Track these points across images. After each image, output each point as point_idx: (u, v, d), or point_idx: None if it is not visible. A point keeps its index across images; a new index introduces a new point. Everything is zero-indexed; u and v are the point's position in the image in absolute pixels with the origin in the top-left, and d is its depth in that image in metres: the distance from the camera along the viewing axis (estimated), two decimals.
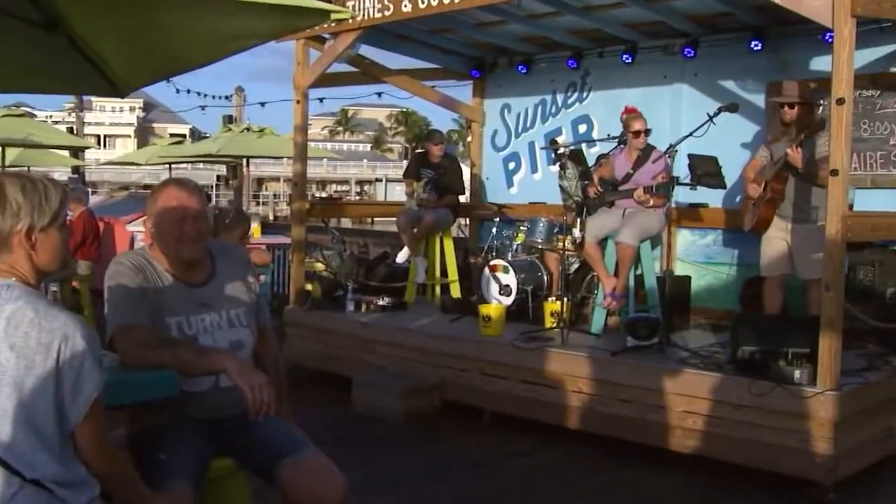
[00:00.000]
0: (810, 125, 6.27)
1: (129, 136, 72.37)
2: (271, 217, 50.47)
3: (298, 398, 3.59)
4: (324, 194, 60.43)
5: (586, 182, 7.28)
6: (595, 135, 8.90)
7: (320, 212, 10.00)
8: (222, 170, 38.78)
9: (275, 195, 63.16)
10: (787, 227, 6.45)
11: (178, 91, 21.18)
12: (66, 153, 20.88)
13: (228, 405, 3.19)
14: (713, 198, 7.79)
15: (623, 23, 8.17)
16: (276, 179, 66.43)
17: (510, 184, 9.99)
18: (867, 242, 6.31)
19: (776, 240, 6.53)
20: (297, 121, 8.43)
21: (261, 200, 60.09)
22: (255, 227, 12.50)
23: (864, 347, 6.05)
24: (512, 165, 9.96)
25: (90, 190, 19.86)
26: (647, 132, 7.10)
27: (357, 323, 7.83)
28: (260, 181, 66.29)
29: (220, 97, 21.86)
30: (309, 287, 8.72)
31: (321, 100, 15.55)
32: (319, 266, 10.84)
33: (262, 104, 20.34)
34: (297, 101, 8.33)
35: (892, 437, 5.70)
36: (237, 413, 3.14)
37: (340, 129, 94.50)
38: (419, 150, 9.31)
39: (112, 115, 71.72)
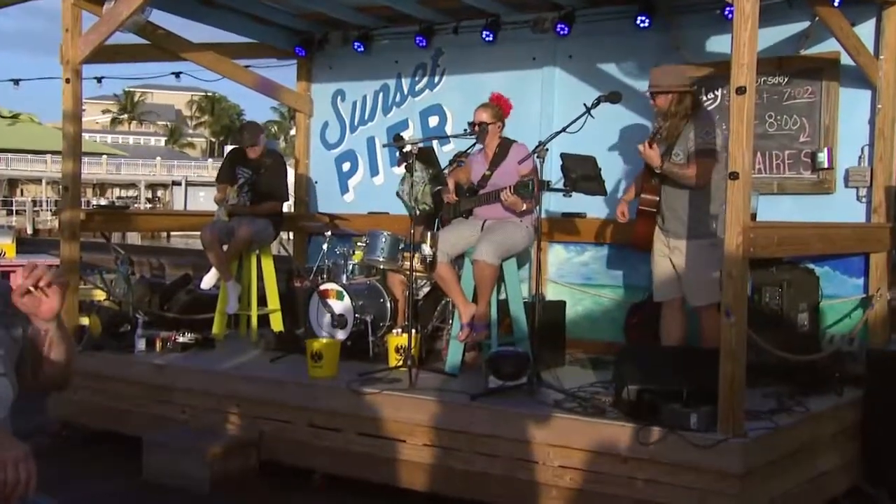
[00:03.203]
0: (683, 116, 6.50)
1: None
2: (30, 230, 48.77)
3: (73, 467, 3.45)
4: (104, 201, 58.97)
5: (440, 188, 7.32)
6: (449, 129, 9.01)
7: (100, 224, 9.69)
8: None
9: (35, 202, 61.18)
10: (671, 244, 6.65)
11: None
12: None
13: None
14: (592, 206, 7.97)
15: None
16: (37, 181, 64.49)
17: (345, 189, 9.99)
18: (774, 259, 6.56)
19: (662, 258, 6.72)
20: (67, 105, 8.16)
21: (15, 209, 58.18)
22: (7, 243, 12.00)
23: (773, 385, 6.26)
24: (347, 166, 9.96)
25: None
26: (481, 125, 7.07)
27: (149, 366, 7.64)
28: (13, 183, 64.18)
29: None
30: (85, 321, 8.47)
31: (99, 79, 15.07)
32: (99, 294, 10.56)
33: (16, 81, 19.26)
34: (67, 80, 8.09)
35: (808, 492, 5.94)
36: None
37: (125, 117, 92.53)
38: (235, 147, 9.17)
39: None
